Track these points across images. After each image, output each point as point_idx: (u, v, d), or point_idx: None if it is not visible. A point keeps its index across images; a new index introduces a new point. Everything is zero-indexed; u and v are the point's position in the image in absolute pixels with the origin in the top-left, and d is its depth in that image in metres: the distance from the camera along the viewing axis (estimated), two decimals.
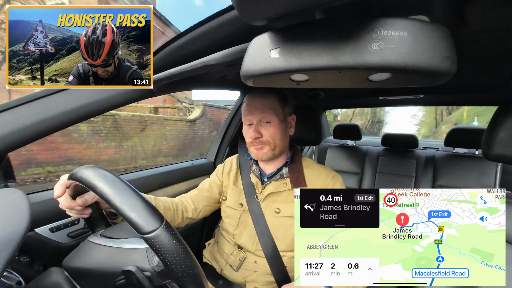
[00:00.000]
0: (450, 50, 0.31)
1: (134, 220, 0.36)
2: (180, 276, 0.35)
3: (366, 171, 1.73)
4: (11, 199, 0.35)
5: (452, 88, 1.19)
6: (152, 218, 0.37)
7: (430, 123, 20.11)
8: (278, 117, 0.76)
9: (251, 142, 0.78)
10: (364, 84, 0.42)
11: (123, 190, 0.38)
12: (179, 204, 0.82)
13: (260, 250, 0.78)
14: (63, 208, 0.53)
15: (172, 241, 0.36)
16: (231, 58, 0.48)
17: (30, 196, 0.70)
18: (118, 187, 0.38)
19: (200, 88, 0.97)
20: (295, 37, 0.34)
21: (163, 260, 0.35)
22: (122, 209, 0.37)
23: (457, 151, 1.58)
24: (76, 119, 0.64)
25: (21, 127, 0.57)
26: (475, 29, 0.50)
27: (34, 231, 0.67)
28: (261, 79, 0.41)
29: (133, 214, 0.36)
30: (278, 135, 0.76)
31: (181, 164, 1.26)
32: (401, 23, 0.30)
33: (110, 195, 0.38)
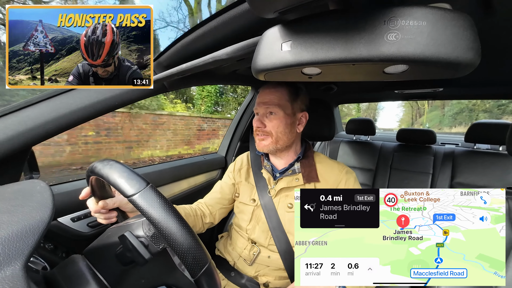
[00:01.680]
0: (473, 39, 0.29)
1: (120, 185, 0.39)
2: (168, 236, 0.36)
3: (380, 167, 1.69)
4: (36, 190, 0.37)
5: (474, 80, 1.12)
6: (137, 182, 0.39)
7: (408, 120, 25.56)
8: (284, 110, 0.76)
9: (255, 131, 0.80)
10: (379, 77, 0.41)
11: (113, 164, 0.42)
12: (197, 209, 0.85)
13: (273, 245, 0.78)
14: (93, 214, 0.59)
15: (155, 201, 0.37)
16: (242, 52, 0.48)
17: (52, 188, 0.74)
18: (111, 164, 0.42)
19: (212, 83, 0.98)
20: (307, 29, 0.33)
21: (150, 220, 0.37)
22: (111, 176, 0.40)
23: (478, 147, 1.50)
24: (94, 113, 0.66)
25: (44, 121, 0.60)
26: (502, 16, 0.47)
27: (57, 220, 0.71)
28: (273, 73, 0.40)
29: (118, 180, 0.39)
30: (281, 127, 0.76)
31: (193, 159, 1.28)
32: (420, 12, 0.29)
33: (102, 170, 0.42)
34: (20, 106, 0.59)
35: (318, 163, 0.82)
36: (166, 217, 0.37)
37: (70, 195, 0.73)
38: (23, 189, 0.37)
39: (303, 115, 0.81)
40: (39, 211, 0.32)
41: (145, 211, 0.37)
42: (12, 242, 0.27)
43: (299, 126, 0.81)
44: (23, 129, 0.57)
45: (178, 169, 1.15)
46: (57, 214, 0.71)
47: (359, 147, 1.81)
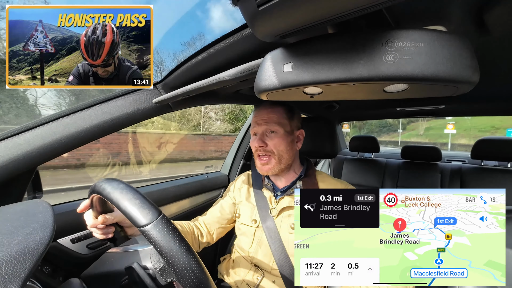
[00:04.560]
0: (470, 58, 0.30)
1: (131, 213, 0.37)
2: (178, 271, 0.35)
3: (386, 185, 1.65)
4: (38, 210, 0.37)
5: (475, 97, 1.13)
6: (149, 211, 0.37)
7: None
8: (284, 128, 0.76)
9: (256, 152, 0.78)
10: (380, 96, 0.41)
11: (124, 189, 0.40)
12: (195, 228, 0.83)
13: (276, 269, 0.75)
14: (89, 227, 0.56)
15: (167, 233, 0.36)
16: (245, 73, 0.49)
17: (55, 207, 0.73)
18: (121, 187, 0.40)
19: (216, 102, 1.00)
20: (307, 51, 0.35)
21: (160, 253, 0.35)
22: (121, 203, 0.38)
23: (486, 163, 1.47)
24: (100, 133, 0.68)
25: (50, 141, 0.61)
26: (497, 36, 0.48)
27: (57, 241, 0.69)
28: (275, 93, 0.41)
29: (130, 208, 0.37)
30: (283, 146, 0.76)
31: (196, 177, 1.27)
32: (417, 34, 0.30)
33: (111, 194, 0.39)
34: (29, 127, 0.61)
35: (320, 182, 0.80)
36: (178, 252, 0.35)
37: (71, 214, 0.72)
38: (25, 209, 0.37)
39: (300, 133, 0.82)
40: (40, 232, 0.31)
41: (157, 243, 0.35)
42: (9, 265, 0.27)
43: (298, 144, 0.82)
44: (31, 149, 0.58)
45: (181, 188, 1.14)
46: (57, 235, 0.70)
47: (364, 165, 1.78)
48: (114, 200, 0.39)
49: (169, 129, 7.98)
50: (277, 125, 0.76)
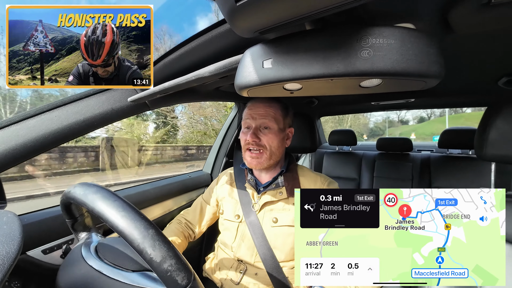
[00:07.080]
0: (437, 55, 0.32)
1: (167, 276, 0.34)
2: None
3: (363, 176, 1.74)
4: (3, 221, 0.33)
5: (443, 91, 1.22)
6: (185, 272, 0.35)
7: None
8: (278, 125, 0.77)
9: (247, 146, 0.78)
10: (356, 91, 0.43)
11: (157, 238, 0.35)
12: (184, 232, 0.88)
13: (259, 261, 0.76)
14: None
15: None
16: (225, 70, 0.49)
17: (22, 217, 0.68)
18: (151, 235, 0.35)
19: (196, 100, 0.98)
20: (286, 47, 0.35)
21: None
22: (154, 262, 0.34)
23: (451, 152, 1.60)
24: (71, 135, 0.63)
25: (13, 146, 0.56)
26: (461, 34, 0.52)
27: (26, 253, 0.64)
28: (256, 89, 0.41)
29: (167, 268, 0.34)
30: (275, 142, 0.77)
31: (178, 177, 1.24)
32: (388, 31, 0.31)
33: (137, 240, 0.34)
34: None
35: (301, 176, 0.82)
36: None
37: (43, 224, 0.67)
38: None
39: (290, 131, 0.83)
40: (6, 245, 0.29)
41: None
42: None
43: (287, 141, 0.83)
44: None
45: (162, 188, 1.10)
46: (26, 247, 0.65)
47: (342, 158, 1.86)
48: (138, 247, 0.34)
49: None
50: (273, 121, 0.76)
